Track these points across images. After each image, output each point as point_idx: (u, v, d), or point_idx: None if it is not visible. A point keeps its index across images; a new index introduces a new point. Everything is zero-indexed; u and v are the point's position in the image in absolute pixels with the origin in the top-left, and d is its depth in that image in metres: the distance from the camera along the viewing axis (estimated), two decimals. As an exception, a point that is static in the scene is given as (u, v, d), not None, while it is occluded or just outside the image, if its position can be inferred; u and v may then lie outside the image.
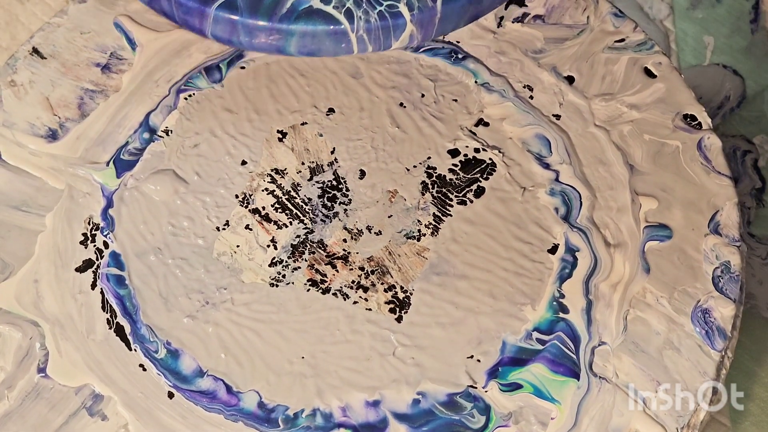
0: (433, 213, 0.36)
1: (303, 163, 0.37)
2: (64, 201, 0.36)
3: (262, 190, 0.37)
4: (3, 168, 0.37)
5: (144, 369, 0.33)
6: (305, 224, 0.36)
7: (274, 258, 0.35)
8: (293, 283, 0.35)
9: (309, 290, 0.35)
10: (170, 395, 0.33)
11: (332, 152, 0.38)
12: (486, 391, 0.33)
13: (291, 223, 0.36)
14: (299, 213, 0.36)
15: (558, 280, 0.35)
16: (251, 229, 0.36)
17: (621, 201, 0.36)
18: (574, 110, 0.38)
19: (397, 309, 0.34)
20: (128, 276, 0.35)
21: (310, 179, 0.37)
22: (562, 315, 0.34)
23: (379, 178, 0.37)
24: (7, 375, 0.33)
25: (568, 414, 0.32)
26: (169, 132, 0.38)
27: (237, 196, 0.37)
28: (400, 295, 0.35)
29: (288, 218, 0.36)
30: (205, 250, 0.35)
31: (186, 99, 0.39)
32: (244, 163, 0.37)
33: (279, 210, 0.36)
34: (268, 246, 0.36)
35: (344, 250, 0.35)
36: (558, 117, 0.38)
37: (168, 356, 0.33)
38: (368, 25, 0.32)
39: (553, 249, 0.35)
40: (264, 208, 0.36)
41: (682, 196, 0.36)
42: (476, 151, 0.38)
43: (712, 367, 0.33)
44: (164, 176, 0.37)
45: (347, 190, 0.37)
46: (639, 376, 0.33)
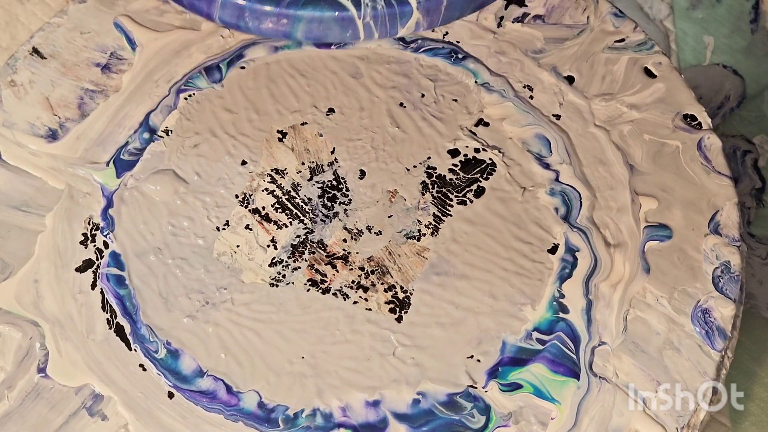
0: (433, 213, 0.36)
1: (303, 163, 0.37)
2: (64, 201, 0.36)
3: (262, 190, 0.37)
4: (3, 168, 0.37)
5: (144, 369, 0.33)
6: (305, 224, 0.36)
7: (274, 258, 0.35)
8: (293, 283, 0.35)
9: (309, 290, 0.35)
10: (170, 395, 0.33)
11: (332, 152, 0.38)
12: (486, 391, 0.33)
13: (291, 223, 0.36)
14: (299, 213, 0.36)
15: (558, 280, 0.35)
16: (251, 229, 0.36)
17: (621, 201, 0.36)
18: (574, 110, 0.38)
19: (397, 309, 0.34)
20: (128, 276, 0.35)
21: (310, 179, 0.37)
22: (562, 315, 0.34)
23: (379, 178, 0.37)
24: (7, 375, 0.33)
25: (568, 414, 0.32)
26: (169, 132, 0.38)
27: (237, 196, 0.37)
28: (400, 295, 0.34)
29: (288, 218, 0.36)
30: (205, 250, 0.35)
31: (186, 99, 0.39)
32: (244, 163, 0.37)
33: (279, 210, 0.36)
34: (268, 246, 0.36)
35: (344, 250, 0.35)
36: (558, 117, 0.38)
37: (168, 356, 0.33)
38: (375, 12, 0.32)
39: (553, 249, 0.35)
40: (264, 208, 0.36)
41: (682, 196, 0.36)
42: (476, 151, 0.37)
43: (712, 367, 0.33)
44: (164, 176, 0.37)
45: (347, 190, 0.37)
46: (639, 376, 0.33)
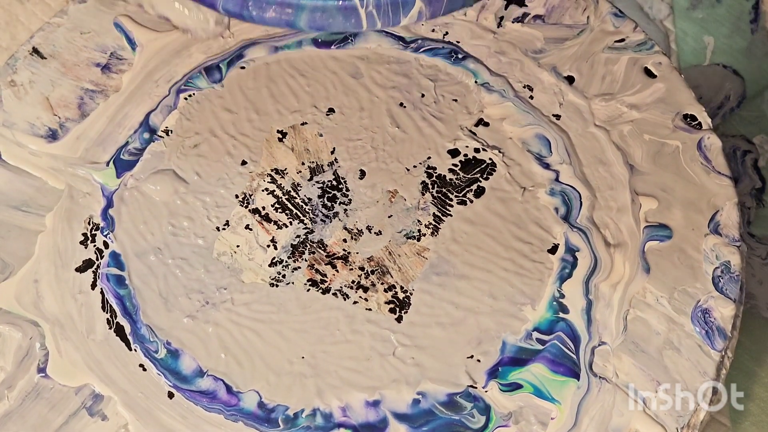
0: (433, 213, 0.36)
1: (303, 163, 0.37)
2: (64, 201, 0.36)
3: (262, 190, 0.37)
4: (3, 168, 0.37)
5: (144, 369, 0.33)
6: (305, 224, 0.36)
7: (274, 258, 0.35)
8: (293, 283, 0.35)
9: (309, 290, 0.35)
10: (170, 395, 0.33)
11: (332, 152, 0.38)
12: (486, 391, 0.33)
13: (291, 223, 0.36)
14: (299, 213, 0.36)
15: (558, 280, 0.35)
16: (251, 229, 0.36)
17: (621, 201, 0.36)
18: (574, 110, 0.38)
19: (397, 309, 0.34)
20: (128, 276, 0.35)
21: (310, 179, 0.37)
22: (562, 315, 0.34)
23: (379, 178, 0.37)
24: (7, 375, 0.33)
25: (568, 414, 0.32)
26: (169, 132, 0.38)
27: (237, 196, 0.37)
28: (400, 295, 0.34)
29: (288, 218, 0.36)
30: (205, 250, 0.35)
31: (186, 99, 0.39)
32: (244, 163, 0.37)
33: (279, 210, 0.36)
34: (268, 246, 0.36)
35: (344, 250, 0.35)
36: (558, 117, 0.38)
37: (168, 356, 0.33)
38: (378, 1, 0.32)
39: (553, 249, 0.35)
40: (264, 208, 0.36)
41: (682, 196, 0.36)
42: (476, 151, 0.37)
43: (712, 367, 0.33)
44: (164, 176, 0.37)
45: (347, 190, 0.37)
46: (639, 376, 0.33)
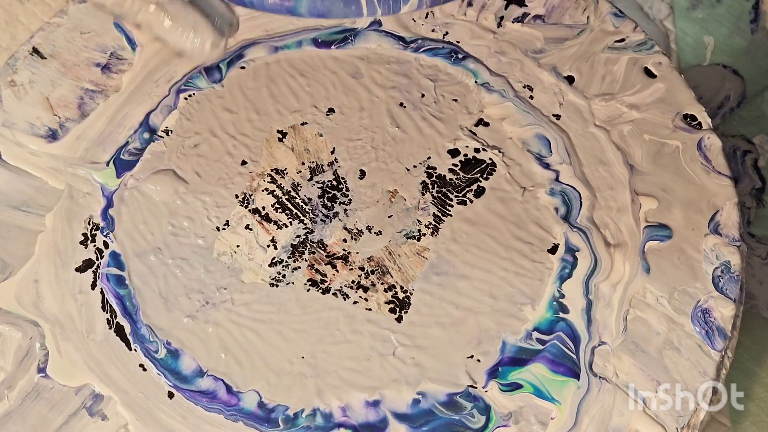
0: (433, 213, 0.36)
1: (303, 163, 0.37)
2: (64, 201, 0.36)
3: (262, 190, 0.37)
4: (3, 168, 0.37)
5: (144, 369, 0.33)
6: (305, 224, 0.36)
7: (274, 258, 0.35)
8: (293, 283, 0.35)
9: (309, 290, 0.35)
10: (170, 395, 0.33)
11: (332, 152, 0.38)
12: (486, 391, 0.33)
13: (291, 223, 0.36)
14: (299, 213, 0.36)
15: (558, 280, 0.35)
16: (251, 229, 0.36)
17: (621, 201, 0.36)
18: (574, 110, 0.38)
19: (397, 309, 0.34)
20: (128, 276, 0.35)
21: (310, 179, 0.37)
22: (562, 315, 0.34)
23: (379, 178, 0.37)
24: (7, 375, 0.33)
25: (568, 414, 0.32)
26: (169, 132, 0.38)
27: (237, 196, 0.37)
28: (400, 295, 0.34)
29: (288, 218, 0.36)
30: (205, 250, 0.35)
31: (186, 99, 0.39)
32: (244, 163, 0.37)
33: (279, 210, 0.36)
34: (268, 246, 0.36)
35: (344, 250, 0.35)
36: (558, 117, 0.38)
37: (168, 356, 0.33)
38: None
39: (553, 249, 0.35)
40: (264, 208, 0.36)
41: (682, 196, 0.36)
42: (476, 151, 0.37)
43: (712, 367, 0.33)
44: (164, 176, 0.37)
45: (347, 190, 0.37)
46: (639, 376, 0.33)
